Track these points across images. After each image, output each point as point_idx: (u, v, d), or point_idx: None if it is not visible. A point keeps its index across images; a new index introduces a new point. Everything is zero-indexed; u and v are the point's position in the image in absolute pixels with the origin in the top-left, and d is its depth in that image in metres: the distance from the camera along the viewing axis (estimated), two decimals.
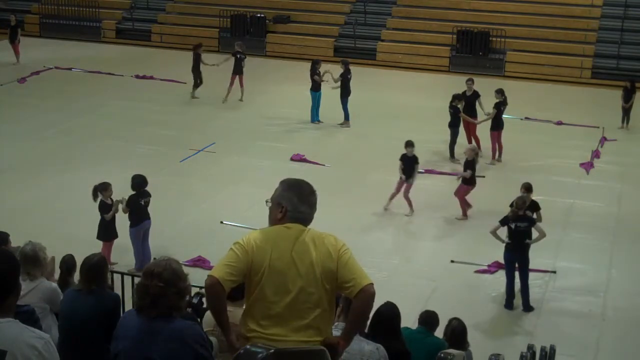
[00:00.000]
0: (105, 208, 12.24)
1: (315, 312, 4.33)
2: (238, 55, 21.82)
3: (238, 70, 21.78)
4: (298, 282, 4.30)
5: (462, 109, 17.66)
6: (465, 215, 14.76)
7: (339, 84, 19.76)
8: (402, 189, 14.77)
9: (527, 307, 11.74)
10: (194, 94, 22.01)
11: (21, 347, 3.36)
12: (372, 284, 4.36)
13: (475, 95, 18.04)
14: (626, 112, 20.23)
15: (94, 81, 23.99)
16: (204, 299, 6.80)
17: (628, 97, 20.19)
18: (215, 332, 6.46)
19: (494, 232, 11.87)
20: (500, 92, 17.72)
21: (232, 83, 21.77)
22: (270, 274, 4.32)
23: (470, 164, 14.70)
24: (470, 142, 17.99)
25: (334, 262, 4.35)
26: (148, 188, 12.48)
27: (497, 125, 17.53)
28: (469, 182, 14.71)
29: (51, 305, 6.74)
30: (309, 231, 4.48)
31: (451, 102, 17.57)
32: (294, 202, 4.51)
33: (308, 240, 4.40)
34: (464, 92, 18.03)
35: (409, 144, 14.87)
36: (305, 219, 4.53)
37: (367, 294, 4.33)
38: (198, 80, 21.98)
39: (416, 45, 26.87)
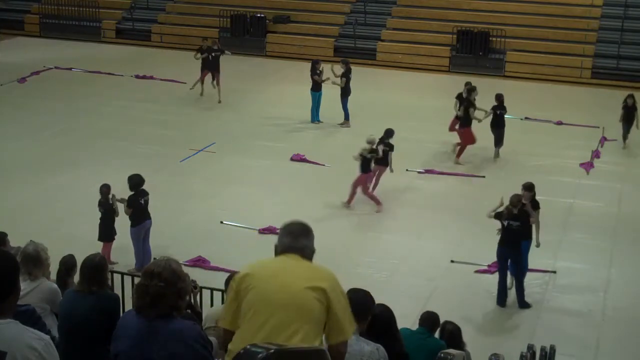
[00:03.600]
0: (107, 207, 12.32)
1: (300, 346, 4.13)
2: (213, 54, 21.77)
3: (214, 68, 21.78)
4: (284, 316, 4.13)
5: (462, 112, 17.60)
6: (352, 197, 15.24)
7: (341, 81, 19.75)
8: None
9: (522, 304, 11.77)
10: (193, 88, 22.03)
11: (21, 348, 3.35)
12: (346, 341, 4.28)
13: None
14: (627, 131, 18.71)
15: (94, 81, 24.00)
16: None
17: (630, 115, 18.57)
18: (217, 329, 6.47)
19: (489, 214, 12.03)
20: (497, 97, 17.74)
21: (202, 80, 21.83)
22: (257, 306, 4.19)
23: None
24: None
25: (323, 305, 4.19)
26: (148, 188, 12.49)
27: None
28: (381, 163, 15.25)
29: (51, 305, 6.73)
30: (302, 262, 4.39)
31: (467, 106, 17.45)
32: (280, 237, 4.51)
33: (299, 272, 4.30)
34: (461, 94, 17.96)
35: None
36: (291, 247, 4.42)
37: (338, 353, 4.22)
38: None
39: (416, 45, 26.86)
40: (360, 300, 5.17)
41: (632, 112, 18.54)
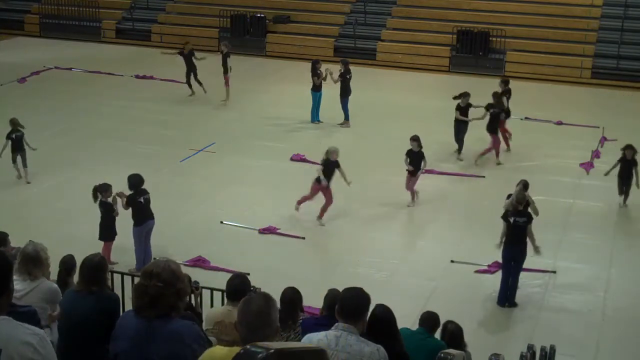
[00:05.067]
0: (107, 207, 12.27)
1: None
2: (230, 55, 21.85)
3: (227, 70, 21.83)
4: None
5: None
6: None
7: (337, 79, 19.74)
8: (409, 182, 15.14)
9: (512, 303, 11.78)
10: (204, 90, 22.04)
11: (16, 345, 3.34)
12: None
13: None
14: (626, 186, 15.37)
15: (94, 81, 24.00)
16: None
17: (628, 171, 15.22)
18: (215, 330, 6.46)
19: (504, 234, 11.88)
20: (504, 82, 17.88)
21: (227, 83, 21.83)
22: None
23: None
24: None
25: None
26: (148, 188, 12.47)
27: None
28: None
29: (51, 305, 6.73)
30: None
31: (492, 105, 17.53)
32: (238, 320, 4.00)
33: None
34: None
35: (414, 139, 15.07)
36: (248, 340, 3.77)
37: None
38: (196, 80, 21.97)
39: (416, 45, 26.87)
40: (353, 300, 5.15)
41: (632, 167, 15.20)
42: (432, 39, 26.94)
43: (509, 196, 12.29)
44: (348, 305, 5.11)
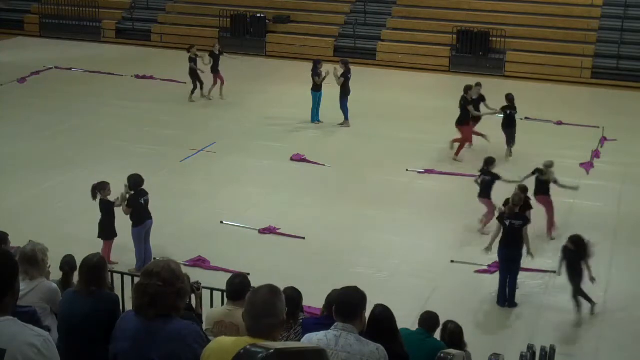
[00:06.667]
0: (107, 205, 12.27)
1: None
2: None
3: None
4: None
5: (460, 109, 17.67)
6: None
7: (338, 80, 19.74)
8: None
9: (512, 303, 11.79)
10: (192, 98, 21.95)
11: (20, 346, 3.34)
12: None
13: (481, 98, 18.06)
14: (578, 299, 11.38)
15: (94, 81, 24.00)
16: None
17: (574, 265, 11.34)
18: (215, 330, 6.47)
19: (497, 234, 11.92)
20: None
21: (215, 81, 22.01)
22: None
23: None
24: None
25: None
26: (148, 188, 12.47)
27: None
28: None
29: (51, 305, 6.72)
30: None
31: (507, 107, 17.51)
32: (245, 310, 4.13)
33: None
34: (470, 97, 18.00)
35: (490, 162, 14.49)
36: (252, 330, 4.00)
37: None
38: (197, 84, 21.92)
39: (416, 45, 26.88)
40: (348, 299, 5.14)
41: (576, 259, 11.39)
42: (432, 39, 26.95)
43: (506, 201, 12.31)
44: (343, 305, 5.12)
